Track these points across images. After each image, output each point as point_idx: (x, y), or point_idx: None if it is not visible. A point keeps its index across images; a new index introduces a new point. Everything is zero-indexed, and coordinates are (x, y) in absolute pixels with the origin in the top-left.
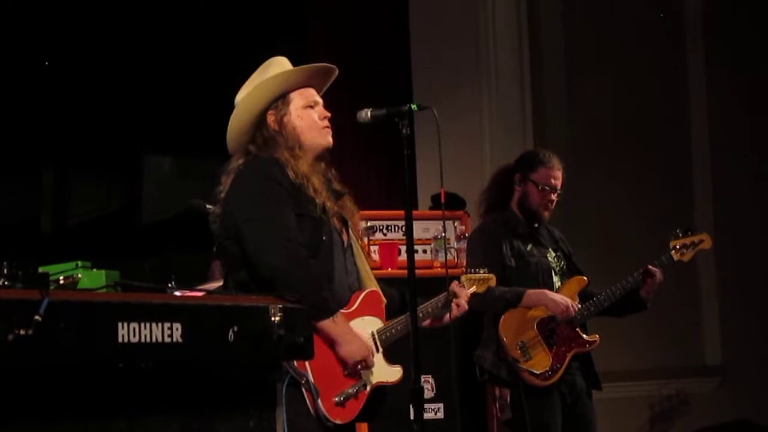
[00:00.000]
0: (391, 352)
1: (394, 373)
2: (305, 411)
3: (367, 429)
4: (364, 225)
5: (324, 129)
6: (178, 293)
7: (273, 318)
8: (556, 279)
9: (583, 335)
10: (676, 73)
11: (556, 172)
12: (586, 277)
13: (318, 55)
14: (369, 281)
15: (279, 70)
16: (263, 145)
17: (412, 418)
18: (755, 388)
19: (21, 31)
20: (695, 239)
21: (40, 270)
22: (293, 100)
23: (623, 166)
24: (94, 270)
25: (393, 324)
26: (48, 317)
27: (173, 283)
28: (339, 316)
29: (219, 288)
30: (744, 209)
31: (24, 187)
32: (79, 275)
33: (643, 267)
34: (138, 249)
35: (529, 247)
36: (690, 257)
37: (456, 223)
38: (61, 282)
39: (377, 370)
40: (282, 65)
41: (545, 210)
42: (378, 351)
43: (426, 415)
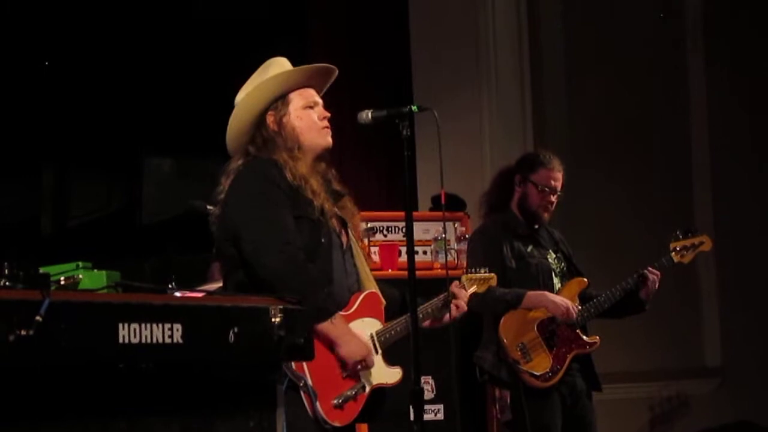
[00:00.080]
0: (391, 353)
1: (393, 375)
2: (304, 414)
3: (367, 430)
4: (364, 226)
5: (323, 129)
6: (178, 294)
7: (273, 319)
8: (556, 280)
9: (584, 337)
10: (676, 73)
11: (556, 173)
12: (586, 279)
13: (318, 55)
14: (368, 282)
15: (279, 70)
16: (262, 146)
17: (412, 419)
18: (755, 389)
19: (21, 31)
20: (695, 241)
21: (41, 270)
22: (293, 100)
23: (623, 166)
24: (94, 271)
25: (392, 325)
26: (49, 318)
27: (173, 284)
28: (337, 317)
29: (219, 289)
30: (744, 209)
31: (24, 187)
32: (80, 276)
33: (639, 271)
34: (138, 249)
35: (530, 249)
36: (690, 259)
37: (456, 225)
38: (62, 282)
39: (376, 371)
40: (282, 65)
41: (545, 211)
42: (377, 352)
43: (426, 416)
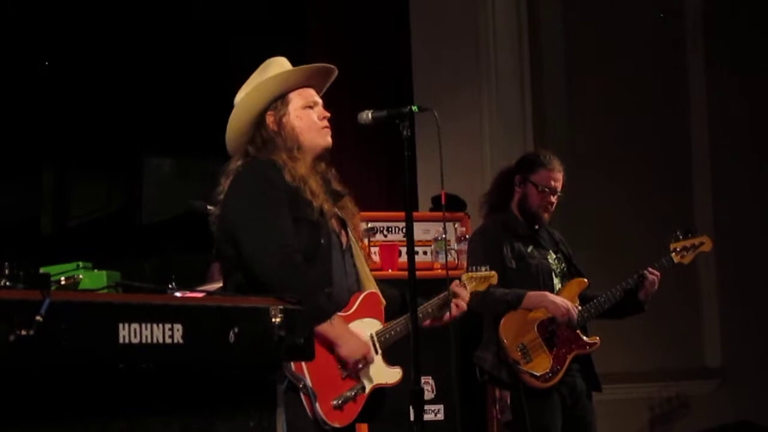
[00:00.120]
0: (391, 353)
1: (393, 375)
2: (303, 414)
3: (367, 430)
4: (364, 226)
5: (323, 129)
6: (178, 294)
7: (273, 319)
8: (556, 281)
9: (584, 337)
10: (676, 73)
11: (556, 174)
12: (586, 279)
13: (318, 55)
14: (368, 283)
15: (278, 70)
16: (262, 146)
17: (412, 419)
18: (755, 389)
19: (21, 31)
20: (695, 242)
21: (41, 270)
22: (292, 100)
23: (623, 166)
24: (95, 271)
25: (392, 325)
26: (49, 318)
27: (174, 284)
28: (335, 318)
29: (219, 289)
30: (744, 209)
31: (24, 187)
32: (80, 276)
33: (639, 272)
34: (138, 249)
35: (530, 249)
36: (690, 260)
37: (456, 225)
38: (63, 283)
39: (376, 371)
40: (281, 65)
41: (545, 212)
42: (377, 353)
43: (426, 417)
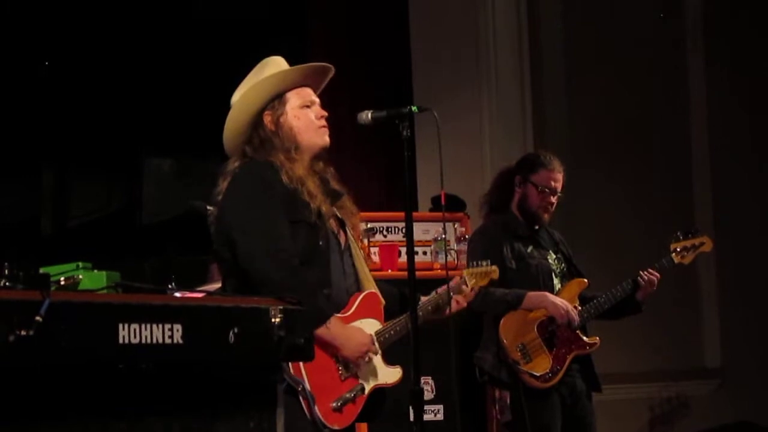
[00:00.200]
0: (391, 353)
1: (393, 375)
2: (302, 415)
3: (367, 429)
4: (364, 226)
5: (321, 129)
6: (178, 294)
7: (273, 319)
8: (556, 281)
9: (584, 337)
10: (676, 73)
11: (556, 174)
12: (586, 279)
13: (318, 55)
14: (367, 283)
15: (275, 69)
16: (259, 146)
17: (411, 419)
18: (755, 389)
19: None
20: (696, 242)
21: (41, 271)
22: (290, 99)
23: (623, 166)
24: (94, 271)
25: (391, 325)
26: (49, 318)
27: (173, 284)
28: (332, 321)
29: (218, 289)
30: (744, 209)
31: (24, 187)
32: (80, 276)
33: (634, 277)
34: (138, 249)
35: (530, 249)
36: (690, 260)
37: (456, 225)
38: (62, 283)
39: (376, 371)
40: (278, 65)
41: (545, 212)
42: (376, 353)
43: (426, 417)
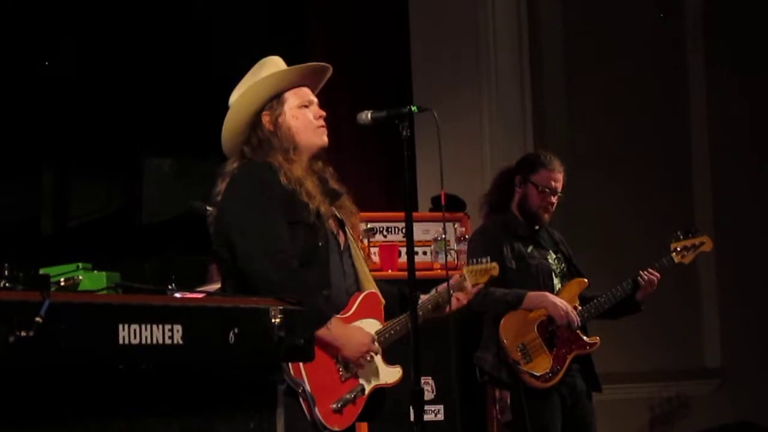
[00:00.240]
0: (391, 353)
1: (393, 374)
2: (302, 417)
3: (367, 429)
4: (364, 227)
5: (319, 128)
6: (178, 295)
7: (273, 320)
8: (556, 281)
9: (584, 337)
10: (676, 73)
11: (556, 174)
12: (586, 279)
13: (318, 55)
14: (367, 282)
15: (273, 69)
16: (258, 147)
17: (412, 419)
18: (755, 389)
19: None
20: (696, 242)
21: (41, 271)
22: (288, 99)
23: (623, 166)
24: (94, 272)
25: (391, 325)
26: (49, 319)
27: (173, 285)
28: (333, 322)
29: (218, 290)
30: (744, 209)
31: (24, 187)
32: (80, 277)
33: (634, 277)
34: (138, 250)
35: (530, 249)
36: (691, 260)
37: (456, 225)
38: (62, 284)
39: (376, 372)
40: (276, 65)
41: (545, 212)
42: (377, 353)
43: (426, 417)
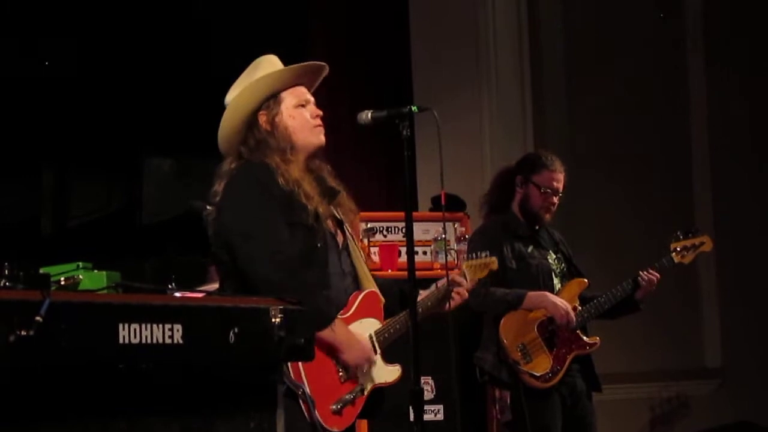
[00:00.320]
0: (391, 352)
1: (392, 373)
2: (302, 418)
3: (367, 428)
4: (364, 226)
5: (316, 128)
6: (178, 294)
7: (273, 319)
8: (556, 281)
9: (584, 337)
10: (676, 73)
11: (558, 174)
12: (586, 279)
13: (318, 55)
14: (367, 282)
15: (269, 68)
16: (255, 147)
17: (411, 419)
18: (755, 389)
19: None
20: (696, 241)
21: (41, 271)
22: (285, 99)
23: (623, 166)
24: (95, 271)
25: (391, 324)
26: (49, 318)
27: (173, 285)
28: (337, 323)
29: (218, 290)
30: (744, 209)
31: (24, 187)
32: (80, 276)
33: (634, 277)
34: (138, 249)
35: (530, 249)
36: (690, 260)
37: (456, 225)
38: (62, 283)
39: (375, 371)
40: (272, 64)
41: (546, 212)
42: (376, 353)
43: (426, 417)
